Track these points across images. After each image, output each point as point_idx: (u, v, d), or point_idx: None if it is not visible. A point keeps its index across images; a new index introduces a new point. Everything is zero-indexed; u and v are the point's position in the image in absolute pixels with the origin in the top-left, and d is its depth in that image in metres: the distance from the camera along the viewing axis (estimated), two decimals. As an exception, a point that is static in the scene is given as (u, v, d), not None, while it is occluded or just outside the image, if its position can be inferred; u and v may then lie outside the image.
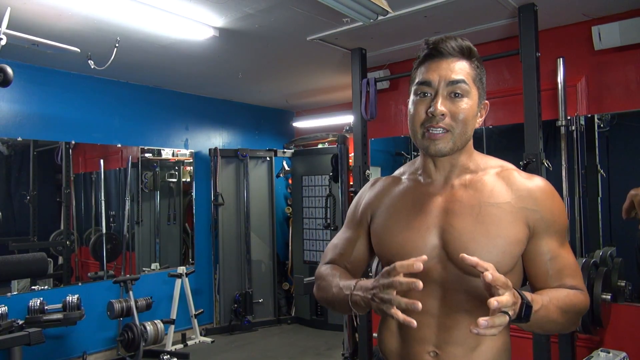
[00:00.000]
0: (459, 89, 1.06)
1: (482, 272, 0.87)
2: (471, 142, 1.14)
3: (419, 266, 0.90)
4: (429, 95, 1.08)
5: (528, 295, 0.96)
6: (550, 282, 1.08)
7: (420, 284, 0.88)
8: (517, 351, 3.22)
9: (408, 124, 1.13)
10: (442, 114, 1.05)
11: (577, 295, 1.07)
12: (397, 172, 1.28)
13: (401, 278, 0.91)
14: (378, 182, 1.28)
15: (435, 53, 1.09)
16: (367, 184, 1.31)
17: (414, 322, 0.90)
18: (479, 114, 1.12)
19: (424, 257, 0.92)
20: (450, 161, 1.13)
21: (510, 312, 0.88)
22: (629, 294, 2.90)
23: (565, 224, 1.12)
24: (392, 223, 1.16)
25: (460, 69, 1.07)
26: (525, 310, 0.91)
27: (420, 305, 0.89)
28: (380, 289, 0.94)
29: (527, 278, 1.14)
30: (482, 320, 0.84)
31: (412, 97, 1.12)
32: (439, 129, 1.06)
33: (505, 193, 1.08)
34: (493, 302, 0.84)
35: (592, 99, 3.06)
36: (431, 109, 1.05)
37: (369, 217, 1.24)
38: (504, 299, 0.86)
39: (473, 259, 0.88)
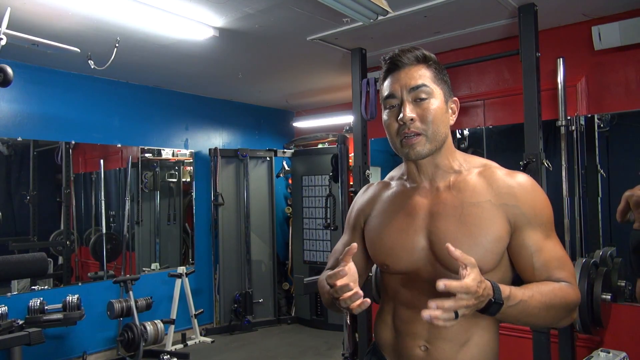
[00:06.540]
0: (422, 92, 1.13)
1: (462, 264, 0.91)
2: (450, 141, 1.19)
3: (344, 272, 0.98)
4: (396, 105, 1.15)
5: (507, 289, 0.97)
6: (537, 274, 1.09)
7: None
8: (517, 351, 3.22)
9: (387, 136, 1.18)
10: (412, 119, 1.11)
11: (564, 288, 1.07)
12: (387, 177, 1.34)
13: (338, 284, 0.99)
14: (370, 187, 1.35)
15: (393, 67, 1.17)
16: (361, 190, 1.39)
17: (367, 301, 0.97)
18: (449, 111, 1.18)
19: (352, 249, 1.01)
20: (433, 162, 1.18)
21: (466, 302, 0.89)
22: (629, 294, 2.90)
23: (548, 216, 1.12)
24: (383, 227, 1.22)
25: (418, 74, 1.14)
26: (492, 306, 0.95)
27: (367, 302, 0.97)
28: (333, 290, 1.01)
29: (518, 274, 1.15)
30: (432, 303, 0.88)
31: (384, 111, 1.19)
32: (412, 134, 1.12)
33: (485, 191, 1.12)
34: (440, 284, 0.87)
35: (592, 99, 3.06)
36: (400, 117, 1.12)
37: (362, 222, 1.31)
38: (455, 283, 0.88)
39: (457, 253, 0.92)
